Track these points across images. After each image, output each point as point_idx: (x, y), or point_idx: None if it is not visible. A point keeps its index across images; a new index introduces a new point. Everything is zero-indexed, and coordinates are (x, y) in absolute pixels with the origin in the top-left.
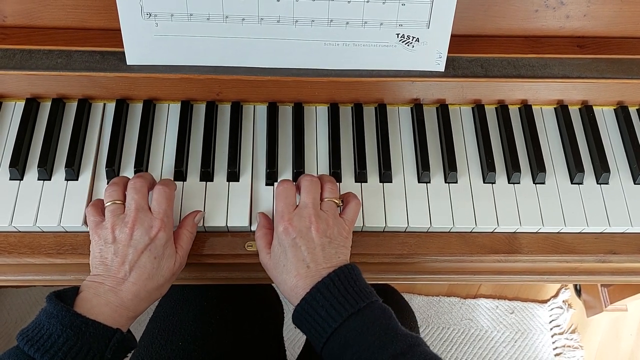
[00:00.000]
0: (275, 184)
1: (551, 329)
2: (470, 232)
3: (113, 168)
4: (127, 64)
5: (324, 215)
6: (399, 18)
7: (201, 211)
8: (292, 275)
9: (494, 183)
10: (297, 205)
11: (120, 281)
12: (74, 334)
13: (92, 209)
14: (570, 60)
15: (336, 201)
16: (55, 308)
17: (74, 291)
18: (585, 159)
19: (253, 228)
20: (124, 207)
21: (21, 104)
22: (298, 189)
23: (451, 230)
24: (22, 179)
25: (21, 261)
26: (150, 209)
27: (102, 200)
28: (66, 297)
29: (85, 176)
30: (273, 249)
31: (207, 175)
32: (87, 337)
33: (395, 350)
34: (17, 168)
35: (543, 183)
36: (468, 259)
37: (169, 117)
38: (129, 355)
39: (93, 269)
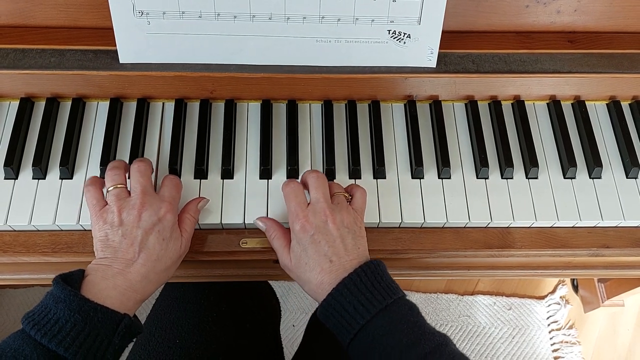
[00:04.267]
0: (270, 181)
1: (549, 325)
2: (464, 227)
3: None
4: (120, 62)
5: (337, 208)
6: (390, 14)
7: (205, 198)
8: (317, 271)
9: (487, 178)
10: (309, 203)
11: (128, 262)
12: (82, 319)
13: (93, 190)
14: (561, 56)
15: (345, 195)
16: (62, 292)
17: (80, 274)
18: (578, 153)
19: (247, 221)
20: (127, 190)
21: (15, 104)
22: (304, 185)
23: (445, 226)
24: (16, 178)
25: (16, 260)
26: (155, 192)
27: (99, 178)
28: (73, 280)
29: (79, 175)
30: (292, 249)
31: (201, 173)
32: (95, 322)
33: (424, 349)
34: (12, 167)
35: (536, 178)
36: (462, 254)
37: (163, 115)
38: (128, 351)
39: (99, 253)
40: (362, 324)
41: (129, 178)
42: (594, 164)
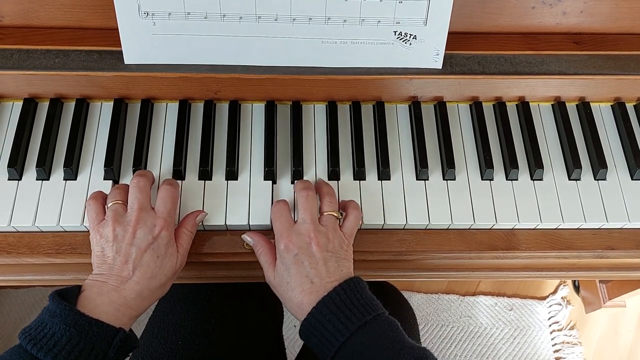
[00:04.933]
0: (274, 182)
1: (550, 326)
2: (469, 229)
3: (112, 167)
4: (125, 63)
5: (324, 230)
6: (396, 15)
7: (203, 211)
8: (297, 292)
9: (492, 180)
10: (296, 222)
11: (123, 280)
12: (77, 333)
13: (93, 204)
14: (567, 57)
15: (335, 214)
16: (58, 307)
17: (77, 290)
18: (583, 155)
19: (252, 222)
20: (126, 207)
21: (19, 104)
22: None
23: (449, 227)
24: (20, 179)
25: (20, 261)
26: (152, 208)
27: (102, 193)
28: (69, 295)
29: (83, 176)
30: (277, 267)
31: (205, 174)
32: (90, 337)
33: None
34: (16, 168)
35: (541, 179)
36: (466, 255)
37: (167, 116)
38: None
39: (95, 268)
40: (342, 341)
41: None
42: (599, 166)
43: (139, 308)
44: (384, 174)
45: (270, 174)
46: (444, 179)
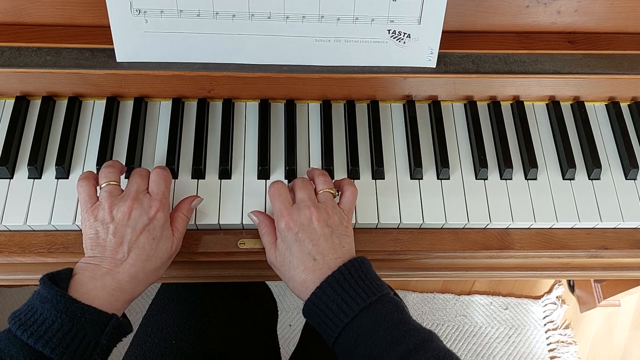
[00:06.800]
0: (268, 181)
1: (545, 325)
2: (463, 228)
3: None
4: (117, 61)
5: (323, 206)
6: (390, 14)
7: (199, 197)
8: (300, 270)
9: (486, 179)
10: (295, 202)
11: (118, 262)
12: (69, 319)
13: (86, 185)
14: (561, 56)
15: (331, 191)
16: (49, 292)
17: (68, 273)
18: (577, 154)
19: (245, 221)
20: (120, 188)
21: (11, 102)
22: (292, 192)
23: (444, 227)
24: (12, 178)
25: (12, 260)
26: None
27: (93, 173)
28: (60, 279)
29: (76, 174)
30: (278, 246)
31: (198, 172)
32: (82, 323)
33: (408, 346)
34: (7, 167)
35: (535, 179)
36: (460, 255)
37: (160, 115)
38: (124, 352)
39: (88, 251)
40: (346, 322)
41: (125, 178)
42: (593, 165)
43: (133, 292)
44: (378, 173)
45: (264, 173)
46: (438, 178)
